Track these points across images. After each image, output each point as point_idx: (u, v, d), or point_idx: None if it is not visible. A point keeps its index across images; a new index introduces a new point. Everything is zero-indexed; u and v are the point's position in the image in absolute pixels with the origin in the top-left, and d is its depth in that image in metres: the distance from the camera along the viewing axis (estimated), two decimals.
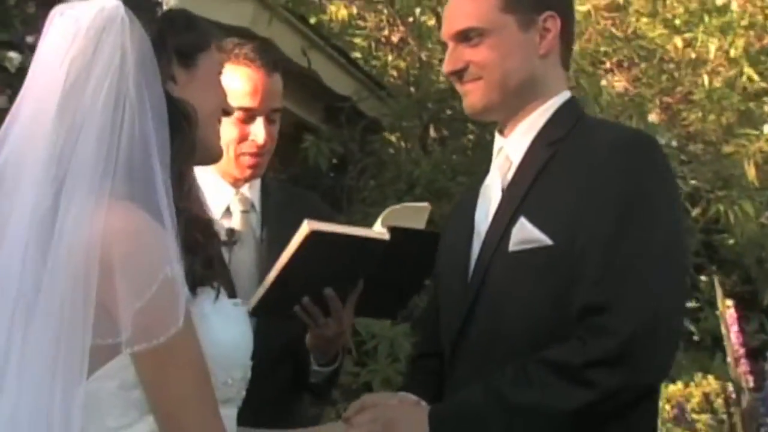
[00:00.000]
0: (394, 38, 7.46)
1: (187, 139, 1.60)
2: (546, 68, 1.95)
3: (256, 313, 2.14)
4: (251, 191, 2.44)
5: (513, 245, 1.86)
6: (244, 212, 2.40)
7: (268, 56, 2.44)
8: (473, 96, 1.95)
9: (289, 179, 6.36)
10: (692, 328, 5.84)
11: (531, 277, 1.83)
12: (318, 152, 6.05)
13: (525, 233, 1.84)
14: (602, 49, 7.41)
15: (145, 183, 1.50)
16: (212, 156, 1.73)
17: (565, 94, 1.99)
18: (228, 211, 2.40)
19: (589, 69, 6.89)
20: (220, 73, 1.73)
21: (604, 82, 6.74)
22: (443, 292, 2.05)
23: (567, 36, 1.99)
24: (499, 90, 1.93)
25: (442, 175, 6.02)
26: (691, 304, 5.97)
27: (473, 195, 2.04)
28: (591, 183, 1.82)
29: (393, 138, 6.87)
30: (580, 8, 7.07)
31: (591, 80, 6.27)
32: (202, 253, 1.62)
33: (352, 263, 2.14)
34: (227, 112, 1.76)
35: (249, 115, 2.35)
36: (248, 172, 2.39)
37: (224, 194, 2.39)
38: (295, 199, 2.48)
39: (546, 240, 1.82)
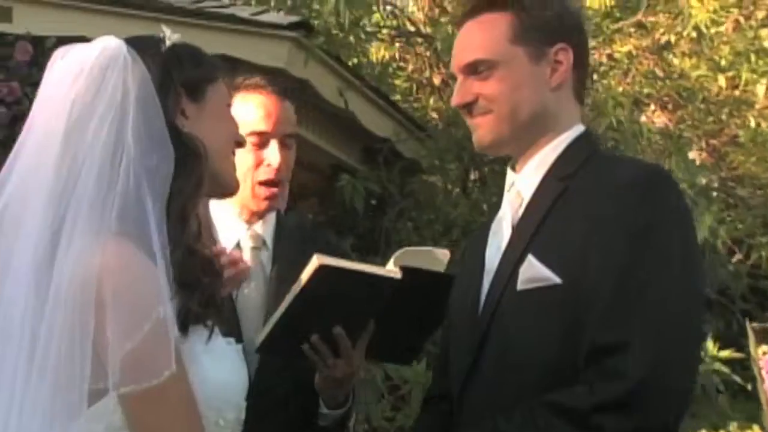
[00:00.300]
0: (436, 80, 7.45)
1: (192, 174, 1.59)
2: (558, 101, 1.90)
3: (262, 350, 2.10)
4: (264, 228, 2.40)
5: (521, 284, 1.81)
6: (255, 248, 2.37)
7: (278, 83, 2.46)
8: (483, 130, 1.91)
9: (328, 221, 6.34)
10: (736, 377, 5.66)
11: (539, 316, 1.78)
12: (355, 192, 6.02)
13: (533, 271, 1.80)
14: (645, 90, 7.33)
15: (139, 220, 1.48)
16: (227, 188, 1.74)
17: (578, 128, 1.94)
18: (238, 247, 2.36)
19: (631, 108, 6.81)
20: (229, 105, 1.73)
21: (643, 118, 6.63)
22: (453, 331, 2.01)
23: (580, 68, 1.94)
24: (509, 123, 1.89)
25: (480, 216, 5.95)
26: (738, 354, 5.80)
27: (485, 231, 2.00)
28: (600, 221, 1.77)
29: (433, 179, 6.84)
30: (621, 49, 7.03)
31: (631, 119, 6.16)
32: (201, 291, 1.59)
33: (362, 302, 2.09)
34: (239, 143, 1.76)
35: (263, 140, 2.34)
36: (264, 204, 2.36)
37: (236, 230, 2.37)
38: (308, 237, 2.44)
39: (554, 278, 1.77)
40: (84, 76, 1.55)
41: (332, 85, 5.79)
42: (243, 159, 2.24)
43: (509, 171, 1.96)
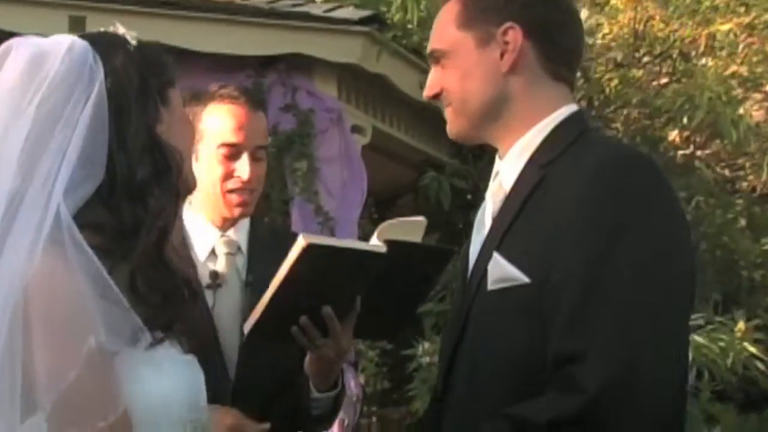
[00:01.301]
0: None
1: (172, 188, 1.53)
2: (521, 84, 1.75)
3: (252, 337, 2.11)
4: (238, 233, 2.42)
5: (491, 284, 1.69)
6: (229, 254, 2.38)
7: (251, 94, 2.48)
8: (449, 122, 1.81)
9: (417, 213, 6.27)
10: None
11: (509, 318, 1.66)
12: (440, 189, 5.93)
13: (500, 271, 1.67)
14: (758, 70, 7.00)
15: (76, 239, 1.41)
16: (189, 190, 1.67)
17: (568, 109, 1.78)
18: (213, 254, 2.39)
19: (737, 93, 6.51)
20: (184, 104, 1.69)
21: (741, 111, 6.29)
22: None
23: (545, 44, 1.77)
24: (464, 114, 1.77)
25: None
26: None
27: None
28: (569, 213, 1.62)
29: None
30: (721, 27, 6.71)
31: (730, 107, 5.87)
32: (170, 307, 1.54)
33: (350, 280, 2.08)
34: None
35: (234, 152, 2.35)
36: (237, 210, 2.37)
37: (210, 236, 2.39)
38: (282, 241, 2.41)
39: (522, 278, 1.63)
40: (48, 82, 1.48)
41: (412, 78, 5.70)
42: (213, 168, 2.31)
43: (496, 159, 1.83)
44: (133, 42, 1.57)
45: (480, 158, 6.25)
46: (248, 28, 5.27)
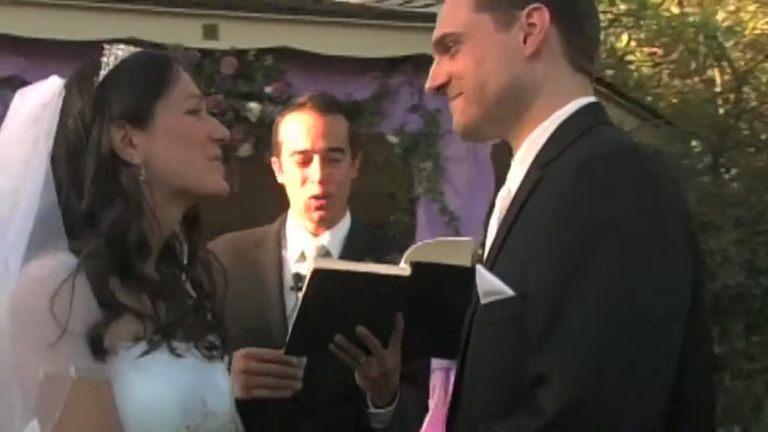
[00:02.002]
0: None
1: (124, 206, 1.62)
2: (539, 71, 1.64)
3: (289, 351, 2.16)
4: (332, 238, 2.47)
5: (482, 297, 1.62)
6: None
7: (325, 99, 2.49)
8: (456, 114, 1.70)
9: None
10: None
11: (498, 332, 1.58)
12: None
13: (486, 285, 1.60)
14: None
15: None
16: (201, 192, 1.72)
17: (580, 101, 1.64)
18: (303, 257, 2.45)
19: None
20: (189, 111, 1.70)
21: None
22: None
23: (569, 30, 1.66)
24: (479, 102, 1.66)
25: (710, 208, 5.59)
26: None
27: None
28: (547, 216, 1.51)
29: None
30: None
31: None
32: (171, 309, 1.65)
33: (377, 300, 2.07)
34: (219, 139, 1.73)
35: (305, 158, 2.41)
36: (316, 215, 2.43)
37: (301, 240, 2.47)
38: (377, 245, 2.43)
39: (507, 291, 1.55)
40: (33, 116, 1.66)
41: None
42: (292, 177, 2.40)
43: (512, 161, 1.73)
44: (110, 65, 1.66)
45: None
46: (374, 31, 5.35)
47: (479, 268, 1.62)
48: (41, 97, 1.67)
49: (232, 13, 5.17)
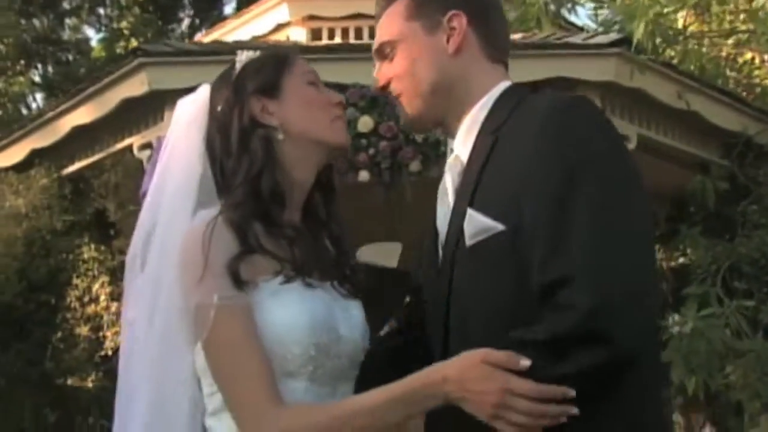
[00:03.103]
0: None
1: (263, 155, 1.89)
2: (465, 66, 1.92)
3: None
4: None
5: (469, 239, 1.80)
6: None
7: None
8: (403, 110, 1.97)
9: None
10: None
11: (492, 265, 1.76)
12: (704, 190, 6.51)
13: (475, 224, 1.79)
14: None
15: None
16: (328, 143, 1.97)
17: (503, 85, 1.94)
18: None
19: None
20: (311, 81, 1.99)
21: None
22: (427, 312, 1.98)
23: (484, 30, 1.95)
24: (417, 98, 1.94)
25: None
26: None
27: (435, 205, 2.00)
28: (528, 159, 1.75)
29: None
30: None
31: None
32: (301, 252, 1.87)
33: None
34: (339, 102, 2.02)
35: None
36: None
37: None
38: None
39: (498, 226, 1.75)
40: (200, 116, 1.97)
41: (669, 88, 6.40)
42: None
43: (449, 140, 1.99)
44: (239, 65, 1.97)
45: (744, 156, 6.79)
46: (518, 60, 6.18)
47: (470, 211, 1.81)
48: (194, 102, 1.98)
49: None
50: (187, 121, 1.95)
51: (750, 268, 6.07)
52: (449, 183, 1.93)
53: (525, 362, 1.59)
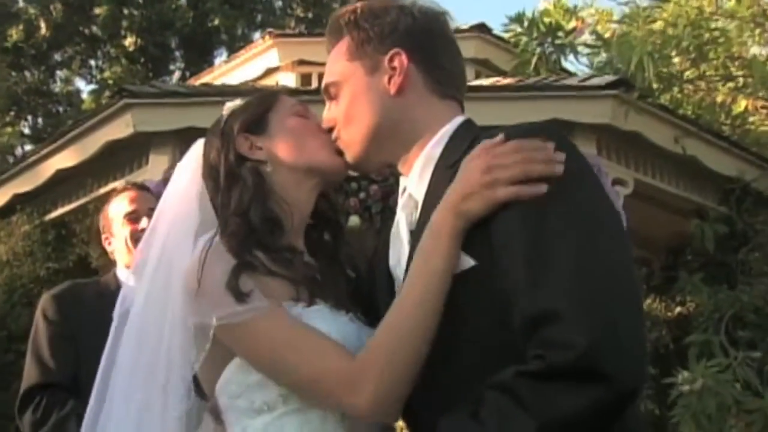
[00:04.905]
0: None
1: (253, 189, 1.91)
2: (410, 106, 1.85)
3: None
4: None
5: None
6: None
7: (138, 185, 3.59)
8: (345, 152, 1.92)
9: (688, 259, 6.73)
10: None
11: (467, 301, 1.68)
12: (703, 236, 6.38)
13: None
14: None
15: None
16: (325, 168, 1.96)
17: (457, 120, 1.86)
18: None
19: None
20: (297, 113, 2.00)
21: None
22: None
23: (430, 67, 1.87)
24: (358, 140, 1.88)
25: None
26: None
27: (385, 243, 1.92)
28: None
29: None
30: None
31: None
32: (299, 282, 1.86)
33: None
34: (328, 129, 1.97)
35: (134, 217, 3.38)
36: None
37: None
38: None
39: (469, 261, 1.67)
40: (196, 166, 2.02)
41: (665, 132, 6.27)
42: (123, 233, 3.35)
43: (401, 178, 1.90)
44: (226, 112, 2.02)
45: (742, 202, 6.67)
46: (513, 102, 6.09)
47: None
48: (190, 157, 2.03)
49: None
50: (186, 177, 2.01)
51: (754, 317, 5.90)
52: (403, 224, 1.85)
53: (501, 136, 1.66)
